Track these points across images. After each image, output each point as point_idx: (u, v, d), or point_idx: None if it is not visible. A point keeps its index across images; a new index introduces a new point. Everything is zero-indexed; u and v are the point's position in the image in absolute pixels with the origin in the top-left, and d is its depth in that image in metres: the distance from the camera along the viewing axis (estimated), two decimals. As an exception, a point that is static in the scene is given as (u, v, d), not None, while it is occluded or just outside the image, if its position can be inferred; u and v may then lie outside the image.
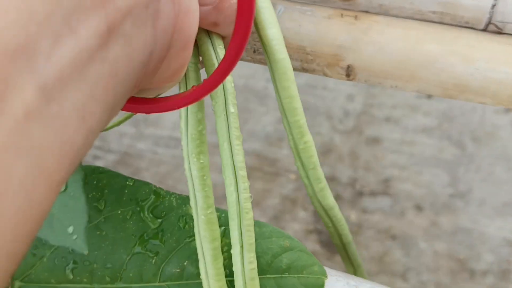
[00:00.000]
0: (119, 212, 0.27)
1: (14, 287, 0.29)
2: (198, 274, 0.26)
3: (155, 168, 1.19)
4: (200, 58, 0.25)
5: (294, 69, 0.30)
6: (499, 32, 0.28)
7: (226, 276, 0.26)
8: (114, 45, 0.17)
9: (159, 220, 0.27)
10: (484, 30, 0.28)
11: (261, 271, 0.26)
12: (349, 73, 0.29)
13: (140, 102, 0.22)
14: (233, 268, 0.26)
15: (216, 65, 0.23)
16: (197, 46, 0.25)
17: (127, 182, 0.27)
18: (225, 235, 0.27)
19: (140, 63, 0.18)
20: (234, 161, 0.25)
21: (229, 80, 0.25)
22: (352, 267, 0.37)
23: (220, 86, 0.24)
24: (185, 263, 0.26)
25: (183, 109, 0.25)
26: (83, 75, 0.15)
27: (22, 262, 0.28)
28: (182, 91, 0.24)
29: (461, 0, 0.27)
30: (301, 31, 0.29)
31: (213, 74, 0.22)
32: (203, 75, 0.25)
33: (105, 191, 0.27)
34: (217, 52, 0.24)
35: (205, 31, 0.24)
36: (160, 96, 0.23)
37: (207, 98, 0.25)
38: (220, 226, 0.26)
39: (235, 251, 0.25)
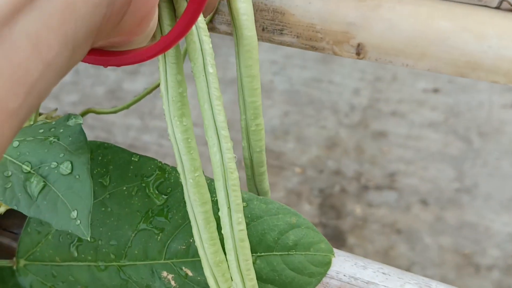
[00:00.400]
0: (124, 188, 0.27)
1: (19, 265, 0.29)
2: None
3: (160, 160, 1.18)
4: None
5: (304, 48, 0.29)
6: (513, 9, 0.27)
7: (221, 241, 0.26)
8: None
9: (165, 197, 0.27)
10: (498, 7, 0.27)
11: (268, 248, 0.26)
12: (359, 51, 0.28)
13: (109, 54, 0.22)
14: (222, 231, 0.26)
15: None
16: None
17: (132, 158, 0.27)
18: (216, 203, 0.26)
19: (102, 0, 0.18)
20: (216, 121, 0.24)
21: (206, 42, 0.24)
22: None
23: (198, 47, 0.24)
24: (191, 240, 0.26)
25: (162, 72, 0.25)
26: (36, 3, 0.16)
27: (27, 240, 0.28)
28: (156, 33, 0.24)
29: (474, -24, 0.27)
30: (310, 8, 0.29)
31: (178, 22, 0.22)
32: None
33: (110, 166, 0.27)
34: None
35: None
36: None
37: (187, 61, 0.24)
38: (210, 193, 0.25)
39: (223, 213, 0.25)
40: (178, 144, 0.25)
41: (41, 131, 0.25)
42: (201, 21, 0.24)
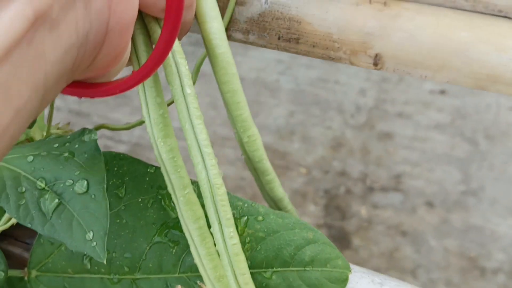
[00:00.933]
0: (140, 200, 0.27)
1: (31, 276, 0.28)
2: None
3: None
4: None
5: (320, 57, 0.29)
6: (534, 21, 0.27)
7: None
8: (40, 28, 0.17)
9: (180, 209, 0.26)
10: (519, 19, 0.27)
11: (284, 263, 0.25)
12: (376, 61, 0.28)
13: (84, 86, 0.23)
14: (216, 248, 0.25)
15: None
16: (146, 28, 0.24)
17: (148, 170, 0.26)
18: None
19: (72, 45, 0.18)
20: (198, 139, 0.25)
21: (182, 64, 0.24)
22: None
23: (175, 70, 0.24)
24: (206, 253, 0.25)
25: (142, 96, 0.25)
26: (6, 56, 0.16)
27: (40, 251, 0.28)
28: (134, 64, 0.24)
29: (496, -13, 0.26)
30: (328, 17, 0.28)
31: (154, 51, 0.22)
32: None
33: (125, 178, 0.26)
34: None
35: (153, 18, 0.24)
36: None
37: (166, 82, 0.25)
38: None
39: (214, 229, 0.25)
40: (165, 164, 0.25)
41: (55, 145, 0.25)
42: (176, 44, 0.24)
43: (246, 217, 0.26)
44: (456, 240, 1.09)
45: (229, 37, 0.30)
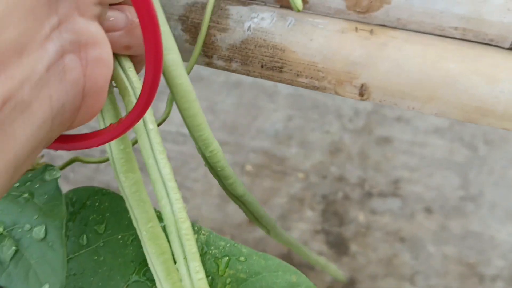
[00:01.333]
0: (120, 236, 0.26)
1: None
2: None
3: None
4: (113, 82, 0.25)
5: (304, 86, 0.28)
6: (526, 51, 0.26)
7: None
8: (9, 111, 0.17)
9: (160, 247, 0.25)
10: (510, 48, 0.26)
11: None
12: (362, 92, 0.27)
13: (59, 141, 0.22)
14: (182, 283, 0.25)
15: (129, 88, 0.23)
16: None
17: (130, 206, 0.26)
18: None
19: (46, 119, 0.18)
20: (162, 174, 0.25)
21: None
22: (265, 229, 0.42)
23: None
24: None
25: None
26: None
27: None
28: (99, 123, 0.24)
29: (485, 16, 0.25)
30: (312, 45, 0.27)
31: (131, 112, 0.22)
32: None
33: (106, 214, 0.26)
34: (128, 75, 0.23)
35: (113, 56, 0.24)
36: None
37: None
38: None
39: (179, 264, 0.25)
40: (128, 198, 0.25)
41: (16, 185, 0.24)
42: (136, 81, 0.24)
43: (228, 257, 0.25)
44: (455, 247, 1.08)
45: (211, 65, 0.29)
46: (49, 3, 0.18)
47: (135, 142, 0.27)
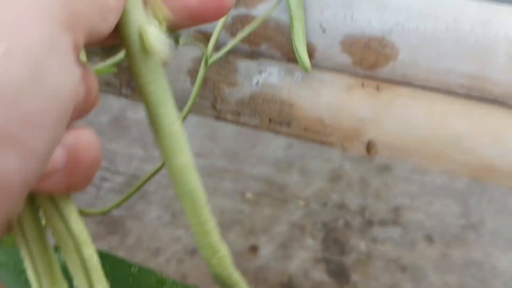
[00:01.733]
0: None
1: None
2: None
3: (162, 191, 1.18)
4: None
5: (312, 141, 0.28)
6: (531, 109, 0.26)
7: None
8: None
9: (164, 314, 0.25)
10: (515, 107, 0.26)
11: None
12: (369, 149, 0.27)
13: None
14: None
15: (72, 245, 0.20)
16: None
17: (132, 270, 0.25)
18: None
19: None
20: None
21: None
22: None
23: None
24: None
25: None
26: None
27: None
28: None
29: (490, 74, 0.26)
30: (320, 101, 0.28)
31: None
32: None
33: (107, 279, 0.25)
34: (70, 226, 0.20)
35: (48, 198, 0.20)
36: None
37: None
38: None
39: None
40: None
41: None
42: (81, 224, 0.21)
43: None
44: (456, 275, 1.08)
45: (220, 118, 0.30)
46: None
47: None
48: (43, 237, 0.21)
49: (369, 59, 0.27)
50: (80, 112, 0.20)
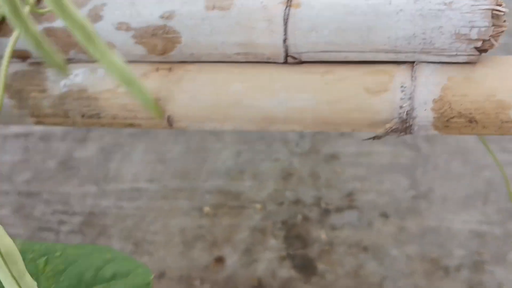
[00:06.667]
0: None
1: None
2: None
3: (121, 223, 1.19)
4: None
5: (123, 126, 0.31)
6: (299, 62, 0.29)
7: None
8: None
9: None
10: (285, 62, 0.30)
11: (88, 284, 0.27)
12: (170, 122, 0.30)
13: None
14: None
15: None
16: None
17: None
18: None
19: None
20: None
21: None
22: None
23: None
24: None
25: None
26: None
27: None
28: None
29: (257, 40, 0.29)
30: (122, 91, 0.31)
31: None
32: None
33: None
34: None
35: None
36: None
37: None
38: None
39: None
40: None
41: None
42: None
43: (45, 256, 0.28)
44: (415, 245, 1.11)
45: (41, 123, 0.32)
46: None
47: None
48: None
49: (158, 47, 0.31)
50: None
